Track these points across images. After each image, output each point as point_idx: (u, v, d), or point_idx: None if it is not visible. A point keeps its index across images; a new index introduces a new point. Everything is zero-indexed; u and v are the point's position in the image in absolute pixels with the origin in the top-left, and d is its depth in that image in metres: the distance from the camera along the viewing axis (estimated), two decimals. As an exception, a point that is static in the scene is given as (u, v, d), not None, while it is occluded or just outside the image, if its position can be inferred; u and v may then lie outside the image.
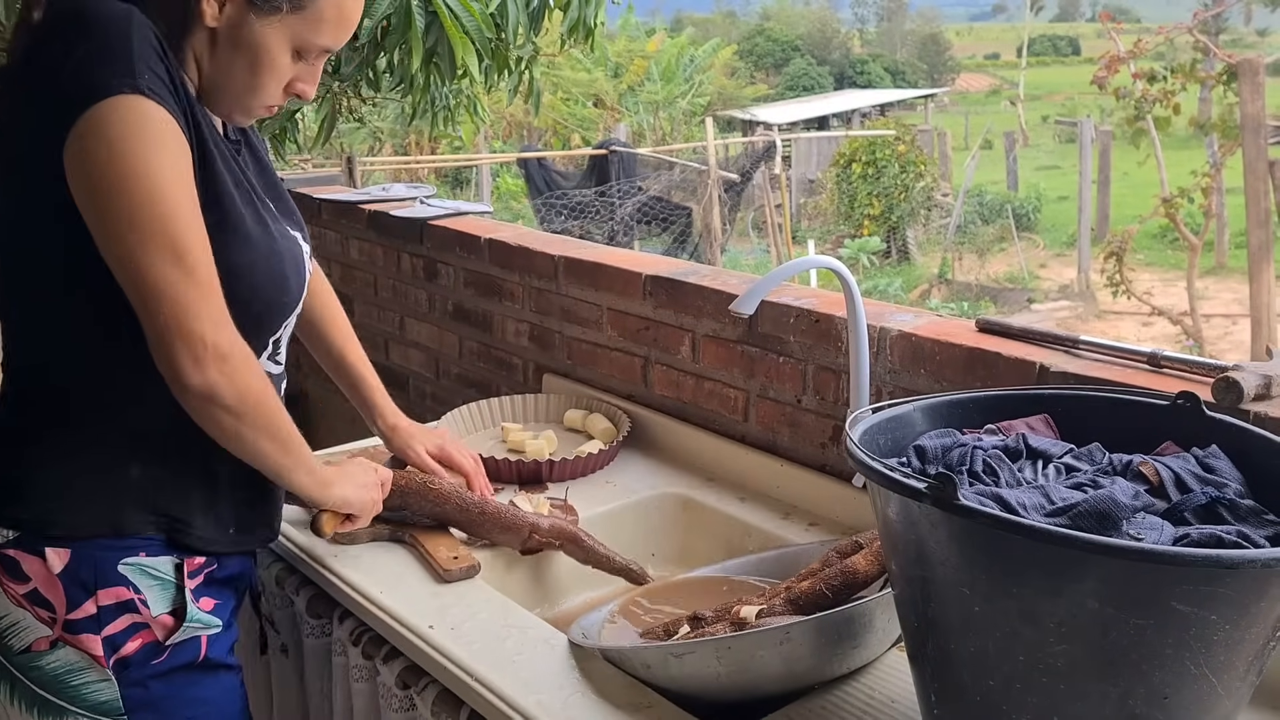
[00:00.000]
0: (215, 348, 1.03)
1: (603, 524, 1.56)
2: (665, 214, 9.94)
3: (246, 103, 1.16)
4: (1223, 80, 6.97)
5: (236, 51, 1.11)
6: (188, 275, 1.01)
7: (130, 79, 1.00)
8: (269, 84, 1.15)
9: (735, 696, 1.11)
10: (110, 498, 1.11)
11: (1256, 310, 6.86)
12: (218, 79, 1.14)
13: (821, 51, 35.43)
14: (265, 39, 1.11)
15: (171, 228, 1.01)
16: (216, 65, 1.13)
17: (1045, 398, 1.07)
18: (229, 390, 1.04)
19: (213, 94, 1.15)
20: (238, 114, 1.18)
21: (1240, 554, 0.75)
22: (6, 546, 1.10)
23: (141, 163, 1.00)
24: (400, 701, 1.27)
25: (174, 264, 1.01)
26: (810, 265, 1.52)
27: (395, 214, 2.38)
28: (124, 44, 1.01)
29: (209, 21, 1.09)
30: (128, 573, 1.11)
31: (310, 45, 1.14)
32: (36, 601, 1.09)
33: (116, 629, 1.11)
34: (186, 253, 1.02)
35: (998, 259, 13.22)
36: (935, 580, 0.86)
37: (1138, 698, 0.80)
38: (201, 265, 1.03)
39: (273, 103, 1.18)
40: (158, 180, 1.01)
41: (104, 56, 1.00)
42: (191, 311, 1.02)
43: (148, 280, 1.01)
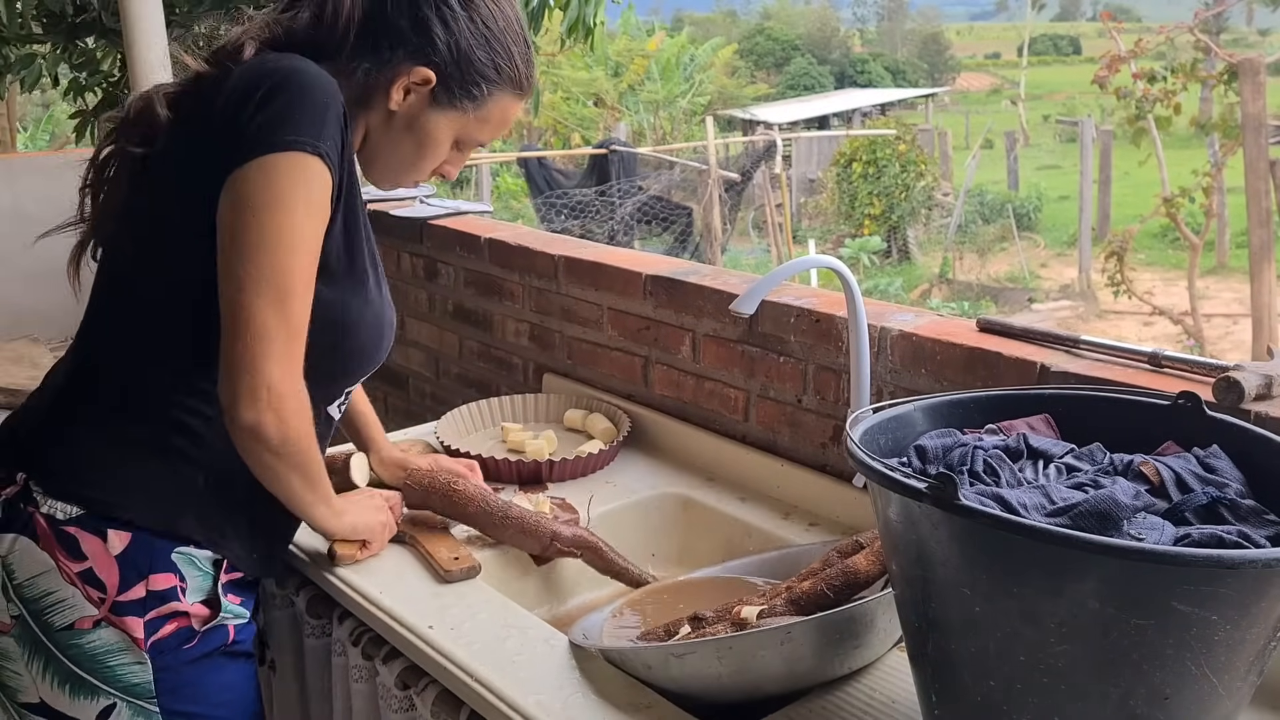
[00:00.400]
0: (277, 391, 1.08)
1: (603, 524, 1.56)
2: (665, 213, 9.94)
3: (400, 177, 1.29)
4: (1224, 80, 6.98)
5: (407, 134, 1.24)
6: (282, 317, 1.08)
7: (314, 141, 1.09)
8: (428, 166, 1.28)
9: (736, 697, 1.11)
10: (176, 502, 1.16)
11: (1257, 310, 6.86)
12: (381, 152, 1.26)
13: (822, 51, 35.43)
14: (437, 129, 1.24)
15: (285, 273, 1.08)
16: (384, 141, 1.25)
17: (1046, 397, 1.07)
18: (276, 432, 1.10)
19: (371, 162, 1.27)
20: (386, 183, 1.31)
21: (1241, 554, 0.75)
22: (68, 524, 1.13)
23: (286, 211, 1.08)
24: (400, 702, 1.27)
25: (274, 304, 1.07)
26: (811, 265, 1.52)
27: (395, 213, 2.38)
28: (323, 109, 1.10)
29: (392, 106, 1.21)
30: (179, 561, 1.16)
31: (471, 140, 1.28)
32: (89, 580, 1.12)
33: (160, 613, 1.15)
34: (287, 297, 1.08)
35: (998, 258, 13.22)
36: (936, 580, 0.86)
37: (1138, 698, 0.80)
38: (296, 314, 1.09)
39: (422, 179, 1.31)
40: (295, 231, 1.08)
41: (303, 113, 1.09)
42: (271, 351, 1.07)
43: (243, 312, 1.07)
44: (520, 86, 1.28)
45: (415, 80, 1.20)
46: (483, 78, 1.23)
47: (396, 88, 1.20)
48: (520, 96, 1.30)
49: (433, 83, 1.21)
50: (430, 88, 1.21)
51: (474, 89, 1.23)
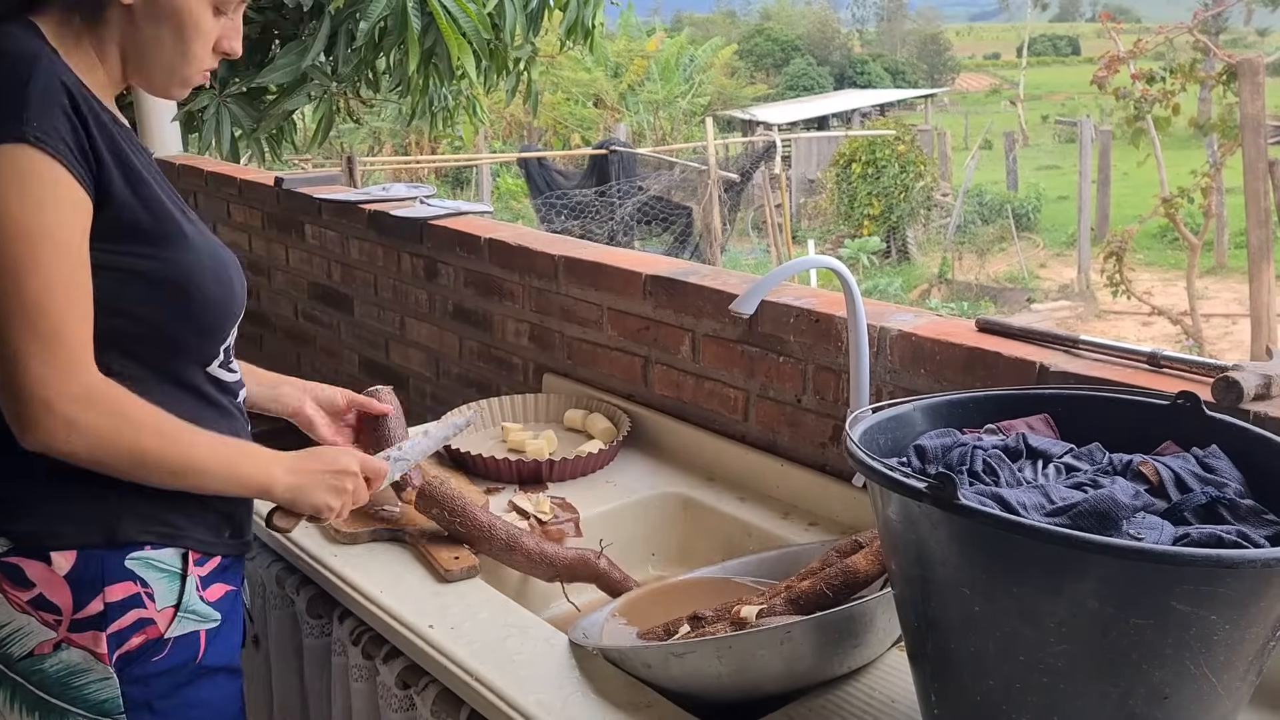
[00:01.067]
0: (52, 407, 1.01)
1: (603, 524, 1.56)
2: (665, 214, 9.95)
3: (182, 73, 1.15)
4: (1223, 80, 6.97)
5: (158, 23, 1.11)
6: (26, 325, 1.00)
7: (16, 127, 0.99)
8: (197, 47, 1.14)
9: (735, 696, 1.11)
10: (104, 509, 1.11)
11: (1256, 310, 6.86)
12: (145, 56, 1.13)
13: (821, 51, 35.41)
14: (185, 3, 1.11)
15: (31, 290, 1.00)
16: (141, 43, 1.12)
17: (1045, 397, 1.07)
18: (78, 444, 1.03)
19: (143, 73, 1.15)
20: (175, 87, 1.17)
21: (1240, 554, 0.75)
22: (8, 555, 1.09)
23: (11, 216, 0.99)
24: (400, 701, 1.27)
25: (20, 322, 1.00)
26: (810, 265, 1.52)
27: (395, 214, 2.38)
28: (17, 89, 1.00)
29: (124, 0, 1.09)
30: (134, 567, 1.12)
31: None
32: (41, 606, 1.09)
33: (123, 625, 1.11)
34: (41, 316, 1.00)
35: (997, 259, 13.22)
36: (935, 580, 0.86)
37: (1138, 697, 0.80)
38: (47, 313, 1.01)
39: (206, 67, 1.17)
40: (27, 234, 0.99)
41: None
42: (31, 373, 1.00)
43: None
44: None
45: None
46: None
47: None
48: None
49: None
50: None
51: None
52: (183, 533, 1.15)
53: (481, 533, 1.39)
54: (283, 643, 1.52)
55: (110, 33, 1.12)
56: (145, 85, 1.17)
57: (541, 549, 1.40)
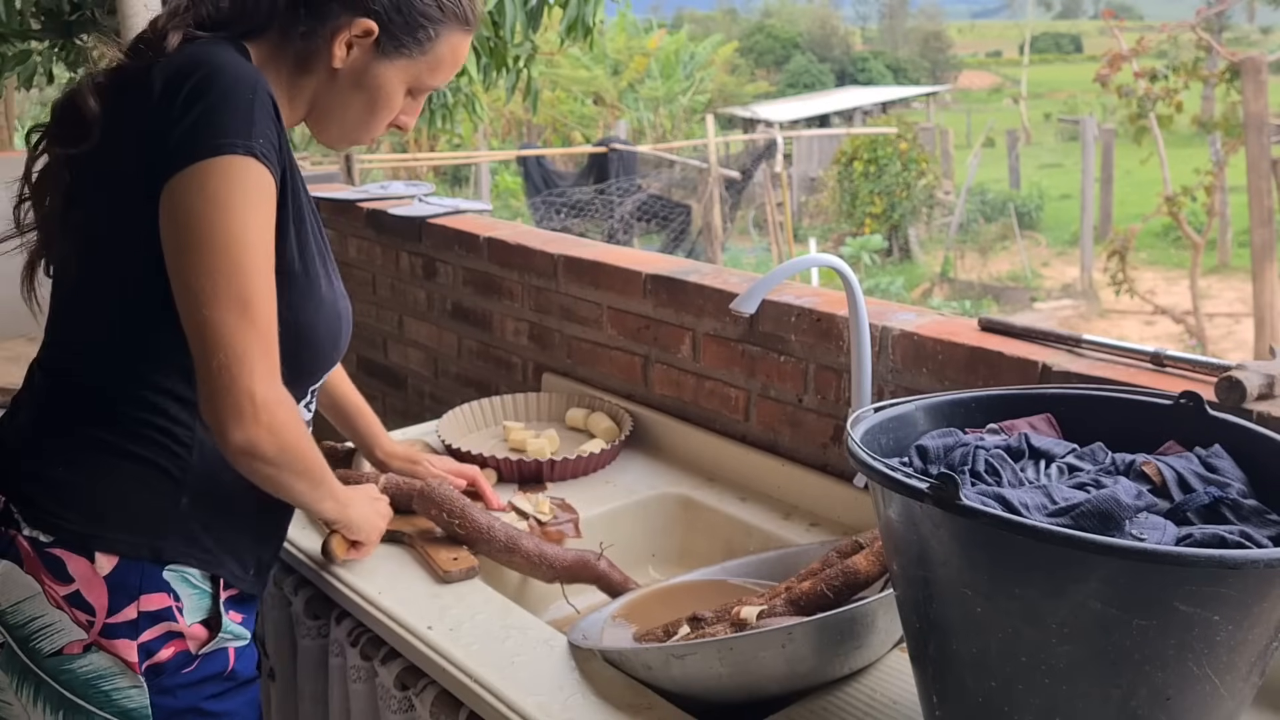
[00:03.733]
0: (264, 403, 1.04)
1: (603, 524, 1.56)
2: (665, 212, 9.94)
3: (355, 135, 1.23)
4: (1226, 78, 6.97)
5: (357, 91, 1.18)
6: (250, 325, 1.04)
7: (246, 140, 1.04)
8: (382, 120, 1.22)
9: (737, 697, 1.11)
10: (158, 526, 1.12)
11: (1260, 309, 6.86)
12: (332, 113, 1.20)
13: (823, 49, 35.42)
14: (387, 81, 1.18)
15: (244, 282, 1.04)
16: (333, 101, 1.19)
17: (1048, 397, 1.06)
18: (270, 445, 1.06)
19: (322, 125, 1.22)
20: (342, 143, 1.25)
21: (1243, 554, 0.74)
22: (52, 546, 1.09)
23: (234, 220, 1.04)
24: (399, 703, 1.26)
25: (239, 314, 1.03)
26: (811, 264, 1.51)
27: (393, 212, 2.38)
28: (248, 106, 1.05)
29: (336, 64, 1.16)
30: (171, 579, 1.12)
31: (425, 85, 1.22)
32: (76, 604, 1.08)
33: (152, 635, 1.10)
34: (251, 304, 1.04)
35: (1000, 257, 13.22)
36: (937, 581, 0.86)
37: (1140, 698, 0.80)
38: (264, 319, 1.05)
39: (377, 134, 1.25)
40: (244, 237, 1.04)
41: (228, 114, 1.04)
42: (246, 363, 1.03)
43: (211, 328, 1.03)
44: (467, 21, 1.21)
45: (356, 33, 1.14)
46: (426, 19, 1.17)
47: (338, 44, 1.14)
48: (468, 31, 1.23)
49: (375, 33, 1.14)
50: (373, 39, 1.15)
51: (419, 32, 1.17)
52: (220, 565, 1.16)
53: (480, 534, 1.39)
54: (280, 644, 1.51)
55: (309, 83, 1.18)
56: (318, 132, 1.24)
57: (541, 550, 1.40)
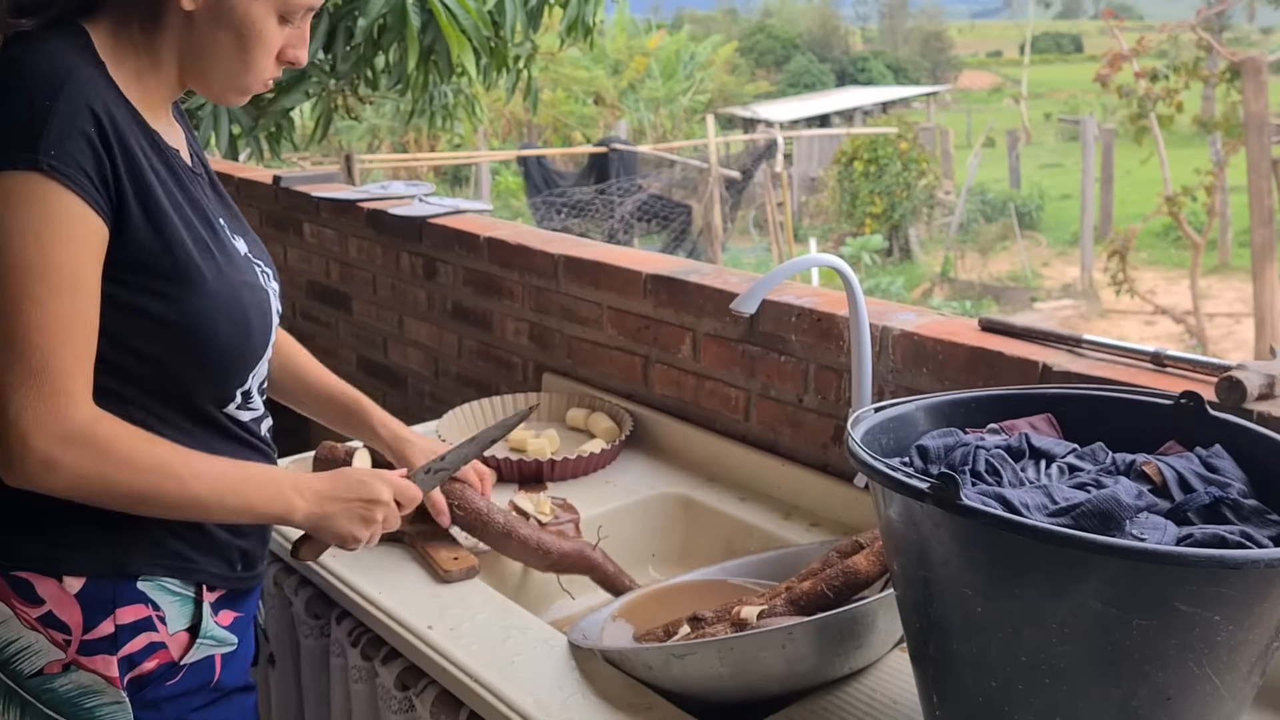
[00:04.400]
0: (38, 451, 0.98)
1: (603, 524, 1.56)
2: (665, 212, 9.94)
3: (242, 81, 1.12)
4: (1226, 78, 6.97)
5: (221, 30, 1.07)
6: (25, 377, 0.97)
7: (30, 153, 0.96)
8: (260, 57, 1.10)
9: (737, 697, 1.11)
10: (114, 539, 1.07)
11: (1260, 309, 6.86)
12: (205, 63, 1.10)
13: (823, 49, 35.42)
14: (249, 10, 1.07)
15: (22, 327, 0.97)
16: (200, 49, 1.08)
17: (1048, 397, 1.06)
18: (59, 485, 1.00)
19: (202, 79, 1.11)
20: (233, 95, 1.14)
21: (1243, 554, 0.74)
22: (15, 569, 1.06)
23: (11, 248, 0.96)
24: (399, 703, 1.26)
25: (13, 365, 0.97)
26: (812, 264, 1.51)
27: (394, 212, 2.38)
28: (38, 114, 0.97)
29: (186, 5, 1.05)
30: (146, 589, 1.09)
31: (295, 6, 1.10)
32: (51, 624, 1.06)
33: (134, 648, 1.08)
34: (32, 353, 0.97)
35: (1000, 257, 13.22)
36: (937, 580, 0.86)
37: (1140, 698, 0.80)
38: (50, 365, 0.97)
39: (268, 76, 1.13)
40: (25, 269, 0.96)
41: (8, 124, 0.96)
42: (17, 415, 0.97)
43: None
44: None
45: None
46: None
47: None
48: None
49: None
50: None
51: None
52: (195, 566, 1.12)
53: (478, 519, 1.39)
54: (280, 644, 1.51)
55: (168, 38, 1.08)
56: (203, 90, 1.13)
57: (539, 538, 1.40)
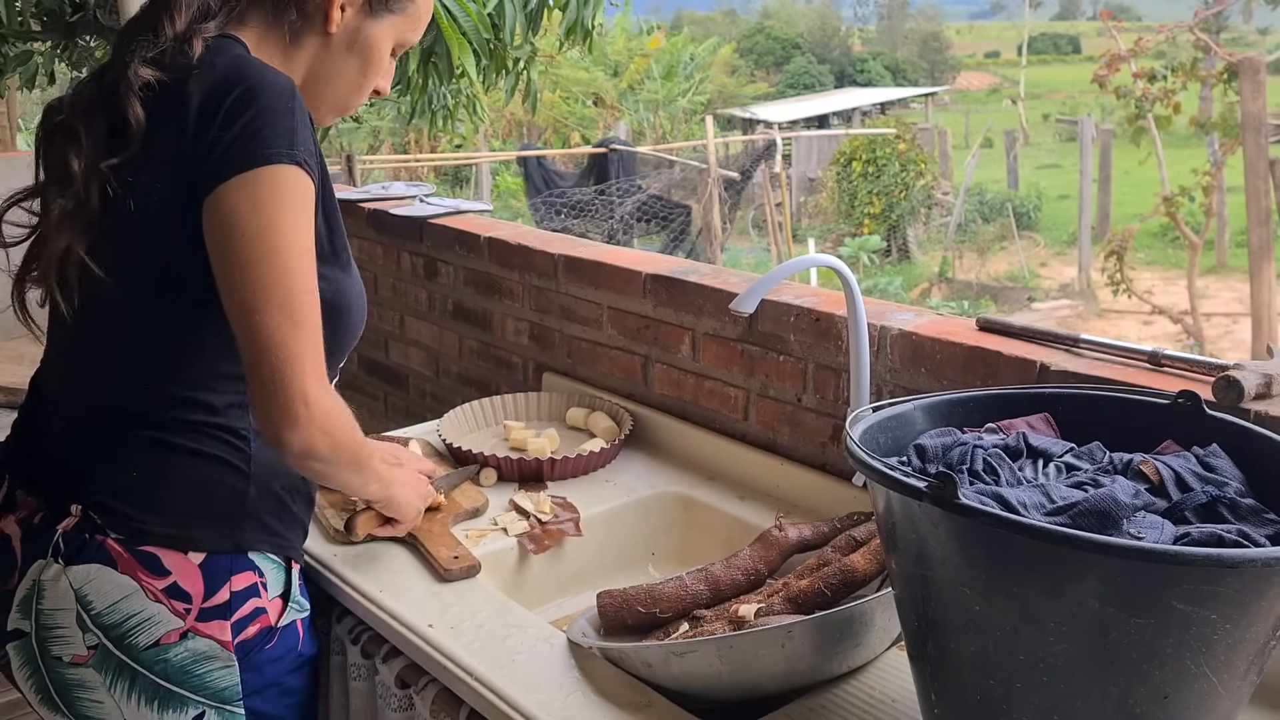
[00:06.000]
0: (316, 405, 1.06)
1: (603, 523, 1.56)
2: (664, 212, 9.94)
3: (348, 103, 1.24)
4: (1223, 79, 6.98)
5: (350, 54, 1.20)
6: (299, 331, 1.05)
7: (290, 150, 1.06)
8: (371, 82, 1.24)
9: (735, 695, 1.11)
10: (234, 518, 1.15)
11: (1257, 309, 6.87)
12: (328, 83, 1.21)
13: (822, 50, 35.42)
14: (378, 40, 1.20)
15: (291, 289, 1.05)
16: (327, 69, 1.20)
17: (1046, 396, 1.07)
18: (325, 444, 1.08)
19: (313, 96, 1.21)
20: (333, 115, 1.25)
21: (1241, 553, 0.75)
22: (143, 544, 1.11)
23: (280, 229, 1.05)
24: (399, 701, 1.27)
25: (289, 321, 1.05)
26: (810, 264, 1.52)
27: (395, 212, 2.38)
28: (289, 116, 1.07)
29: (331, 29, 1.17)
30: (255, 558, 1.16)
31: (406, 41, 1.24)
32: (174, 594, 1.11)
33: (244, 613, 1.15)
34: (299, 311, 1.06)
35: (998, 257, 13.22)
36: (935, 579, 0.86)
37: (1138, 697, 0.80)
38: (311, 323, 1.07)
39: (363, 101, 1.26)
40: (290, 246, 1.06)
41: (273, 126, 1.06)
42: (297, 367, 1.05)
43: (262, 333, 1.04)
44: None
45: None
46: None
47: (334, 7, 1.16)
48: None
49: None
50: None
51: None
52: (286, 542, 1.21)
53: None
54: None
55: (303, 56, 1.19)
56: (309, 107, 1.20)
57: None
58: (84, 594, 1.10)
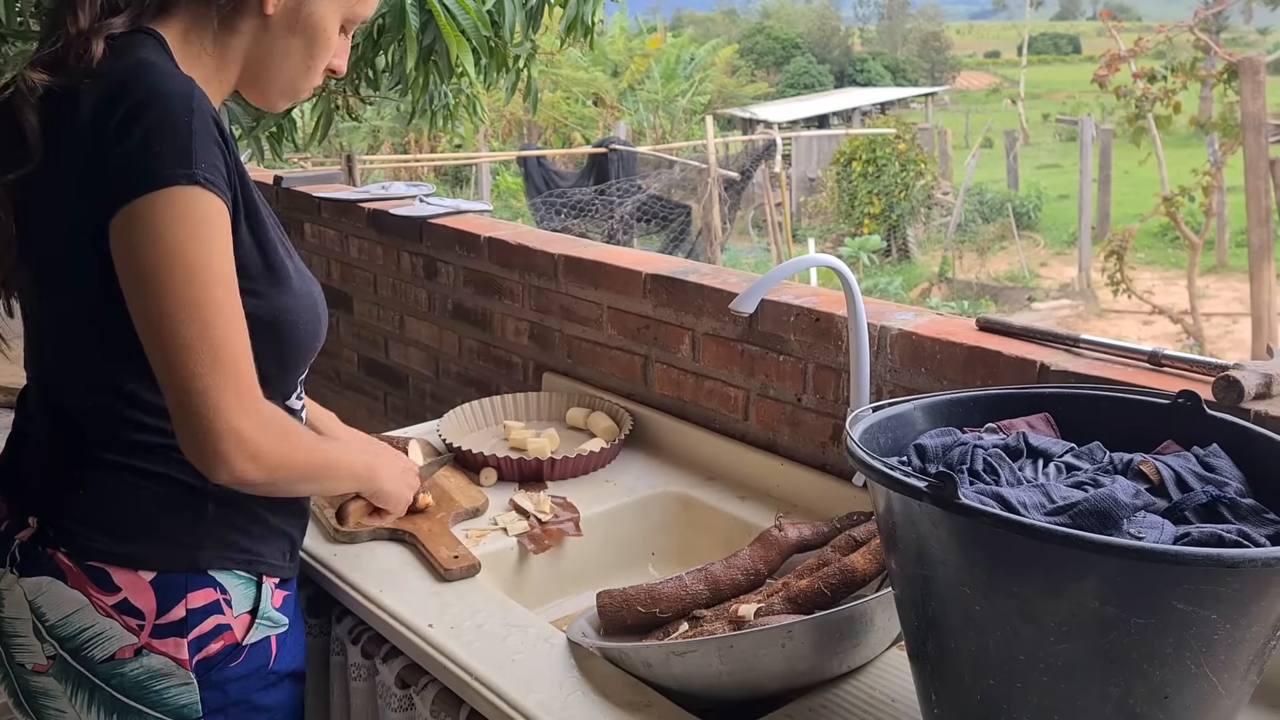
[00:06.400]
0: (240, 437, 1.02)
1: (603, 523, 1.56)
2: (665, 213, 9.94)
3: (299, 86, 1.17)
4: (1223, 79, 6.98)
5: (293, 34, 1.12)
6: (217, 361, 1.00)
7: (187, 169, 0.99)
8: (322, 62, 1.16)
9: (736, 695, 1.11)
10: (189, 536, 1.11)
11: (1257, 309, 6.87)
12: (270, 67, 1.14)
13: (822, 50, 35.44)
14: (323, 17, 1.13)
15: (204, 321, 1.00)
16: (269, 53, 1.13)
17: (1046, 396, 1.07)
18: (257, 474, 1.04)
19: (259, 84, 1.16)
20: (284, 100, 1.19)
21: (1241, 553, 0.75)
22: (92, 560, 1.08)
23: (183, 258, 0.99)
24: (399, 701, 1.27)
25: (205, 352, 1.00)
26: (810, 264, 1.52)
27: (395, 212, 2.38)
28: (185, 130, 0.99)
29: (269, 9, 1.10)
30: (217, 574, 1.13)
31: (356, 16, 1.17)
32: (126, 610, 1.08)
33: (203, 630, 1.11)
34: (213, 340, 1.00)
35: (998, 257, 13.22)
36: (936, 579, 0.86)
37: (1138, 697, 0.80)
38: (229, 351, 1.01)
39: (317, 82, 1.19)
40: (198, 270, 0.99)
41: (163, 142, 0.98)
42: (213, 401, 1.00)
43: (176, 371, 1.00)
44: None
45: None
46: None
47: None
48: None
49: None
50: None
51: None
52: (259, 558, 1.17)
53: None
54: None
55: (240, 42, 1.12)
56: (256, 94, 1.17)
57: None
58: (37, 605, 1.09)
